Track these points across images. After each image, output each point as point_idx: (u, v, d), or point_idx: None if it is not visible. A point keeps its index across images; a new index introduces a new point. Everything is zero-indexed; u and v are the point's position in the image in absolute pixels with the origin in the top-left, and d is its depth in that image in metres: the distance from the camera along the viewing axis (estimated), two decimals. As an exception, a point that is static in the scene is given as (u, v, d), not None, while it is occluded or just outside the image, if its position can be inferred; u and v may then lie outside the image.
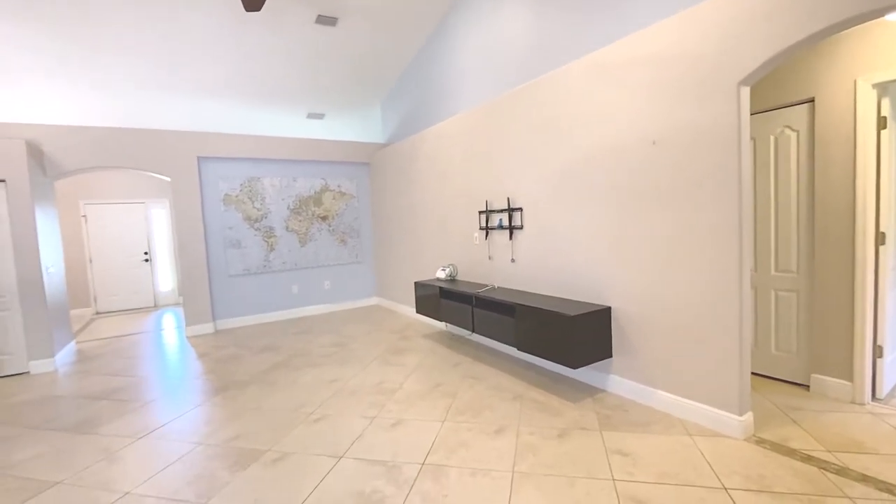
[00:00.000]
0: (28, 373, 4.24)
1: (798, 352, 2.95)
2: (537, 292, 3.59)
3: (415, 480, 2.12)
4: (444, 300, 4.20)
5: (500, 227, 3.90)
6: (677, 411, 2.62)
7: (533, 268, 3.63)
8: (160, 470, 2.34)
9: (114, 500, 2.09)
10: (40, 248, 4.35)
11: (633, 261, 2.81)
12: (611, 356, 2.97)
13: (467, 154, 4.33)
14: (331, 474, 2.21)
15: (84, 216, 7.32)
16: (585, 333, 2.82)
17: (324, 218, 6.38)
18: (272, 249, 6.00)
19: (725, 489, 1.95)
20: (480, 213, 4.18)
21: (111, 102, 5.54)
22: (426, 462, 2.28)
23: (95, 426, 2.93)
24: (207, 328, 5.53)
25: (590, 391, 3.07)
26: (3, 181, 4.17)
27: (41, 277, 4.31)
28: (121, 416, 3.06)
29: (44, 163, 4.68)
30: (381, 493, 2.03)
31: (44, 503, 2.10)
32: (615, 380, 2.99)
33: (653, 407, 2.76)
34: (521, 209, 3.67)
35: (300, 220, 6.19)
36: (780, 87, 2.92)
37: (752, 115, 2.97)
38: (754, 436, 2.38)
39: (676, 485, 1.99)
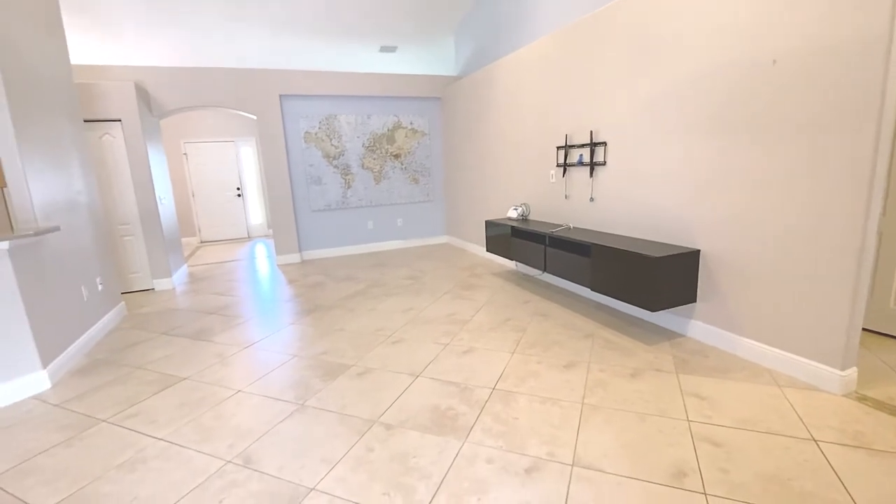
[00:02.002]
0: (153, 289, 4.95)
1: (924, 308, 2.59)
2: (616, 233, 3.43)
3: (486, 402, 2.25)
4: (516, 239, 4.17)
5: (580, 163, 3.69)
6: (766, 361, 2.47)
7: (613, 207, 3.44)
8: (264, 375, 2.69)
9: (229, 395, 2.46)
10: (154, 181, 4.89)
11: (730, 200, 2.55)
12: (694, 301, 2.82)
13: (546, 84, 4.05)
14: (409, 389, 2.41)
15: (185, 154, 8.04)
16: (669, 276, 2.68)
17: (396, 156, 6.46)
18: (349, 187, 6.25)
19: (815, 441, 1.84)
20: (559, 148, 3.97)
21: (202, 42, 5.81)
22: (496, 387, 2.39)
23: (209, 335, 3.39)
24: (294, 258, 6.03)
25: (667, 335, 2.97)
26: (119, 120, 4.65)
27: (156, 208, 4.89)
28: (228, 329, 3.52)
29: (150, 103, 5.12)
30: (455, 411, 2.19)
31: (177, 393, 2.52)
32: (696, 325, 2.85)
33: (737, 355, 2.62)
34: (604, 144, 3.43)
35: (374, 158, 6.32)
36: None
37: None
38: (855, 392, 2.19)
39: (758, 432, 1.92)
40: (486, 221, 4.70)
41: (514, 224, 4.24)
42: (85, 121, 4.37)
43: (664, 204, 2.99)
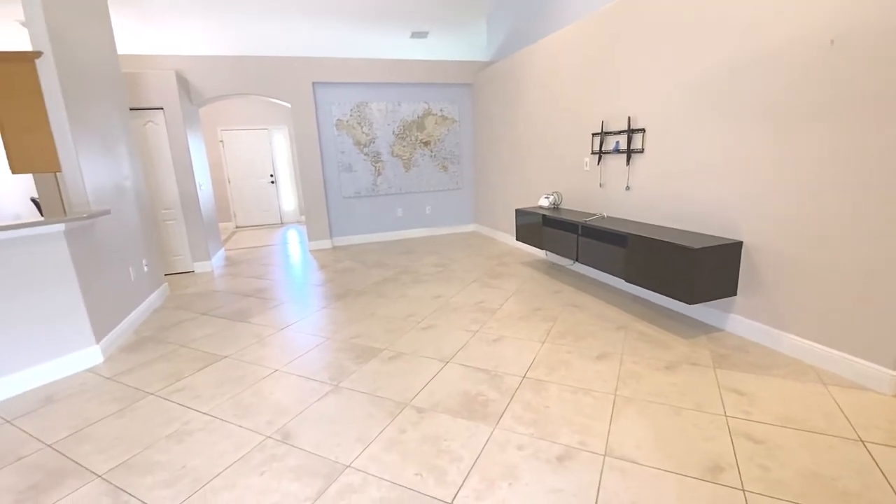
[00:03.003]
0: (193, 271, 5.16)
1: None
2: (652, 223, 3.34)
3: (516, 390, 2.25)
4: (547, 228, 4.11)
5: (616, 150, 3.60)
6: (811, 358, 2.37)
7: (651, 196, 3.34)
8: (299, 355, 2.78)
9: (268, 373, 2.56)
10: (194, 167, 5.06)
11: (778, 190, 2.43)
12: (735, 294, 2.72)
13: (583, 69, 3.94)
14: (439, 375, 2.44)
15: (221, 141, 8.28)
16: (709, 268, 2.60)
17: (426, 143, 6.45)
18: (379, 174, 6.30)
19: (862, 441, 1.77)
20: (594, 135, 3.87)
21: (238, 31, 5.92)
22: (526, 376, 2.39)
23: (247, 316, 3.52)
24: (326, 244, 6.15)
25: (704, 329, 2.89)
26: (161, 109, 4.82)
27: (196, 193, 5.07)
28: (265, 311, 3.64)
29: (190, 91, 5.28)
30: (486, 397, 2.20)
31: (219, 370, 2.64)
32: (736, 319, 2.76)
33: (779, 351, 2.53)
34: (642, 130, 3.32)
35: (404, 146, 6.34)
36: None
37: None
38: (909, 393, 2.08)
39: (800, 430, 1.86)
40: (517, 210, 4.66)
41: (546, 213, 4.19)
42: (130, 109, 4.56)
43: (706, 194, 2.88)
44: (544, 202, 4.49)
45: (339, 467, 1.75)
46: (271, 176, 8.70)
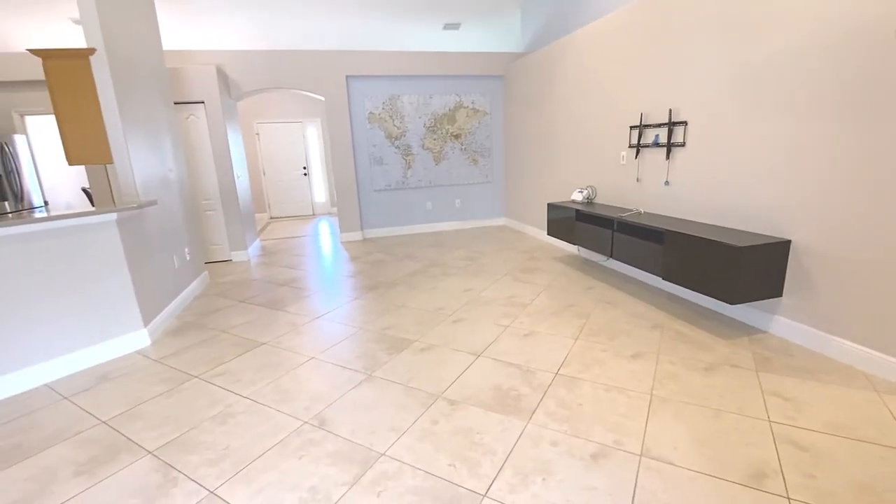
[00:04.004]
0: (231, 260, 5.35)
1: None
2: (692, 219, 3.23)
3: (549, 386, 2.24)
4: (580, 223, 4.04)
5: (656, 144, 3.49)
6: (863, 363, 2.25)
7: (691, 192, 3.23)
8: (334, 344, 2.84)
9: (304, 361, 2.63)
10: (232, 160, 5.22)
11: (836, 188, 2.31)
12: (780, 295, 2.61)
13: (622, 60, 3.83)
14: (470, 368, 2.45)
15: (257, 134, 8.50)
16: (753, 268, 2.50)
17: (456, 136, 6.43)
18: (409, 167, 6.33)
19: (920, 454, 1.67)
20: (632, 128, 3.76)
21: (274, 25, 6.03)
22: (559, 372, 2.37)
23: (283, 305, 3.63)
24: (357, 236, 6.25)
25: (745, 330, 2.79)
26: (202, 102, 4.99)
27: (234, 184, 5.24)
28: (299, 300, 3.74)
29: (229, 85, 5.44)
30: (518, 392, 2.20)
31: (257, 356, 2.74)
32: (780, 321, 2.65)
33: (827, 355, 2.41)
34: (684, 123, 3.21)
35: (435, 139, 6.34)
36: None
37: None
38: (973, 405, 1.95)
39: (849, 438, 1.77)
40: (549, 204, 4.59)
41: (579, 207, 4.11)
42: (174, 103, 4.73)
43: (752, 190, 2.76)
44: (577, 196, 4.41)
45: (374, 455, 1.79)
46: (304, 168, 8.88)
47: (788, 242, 2.53)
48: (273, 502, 1.57)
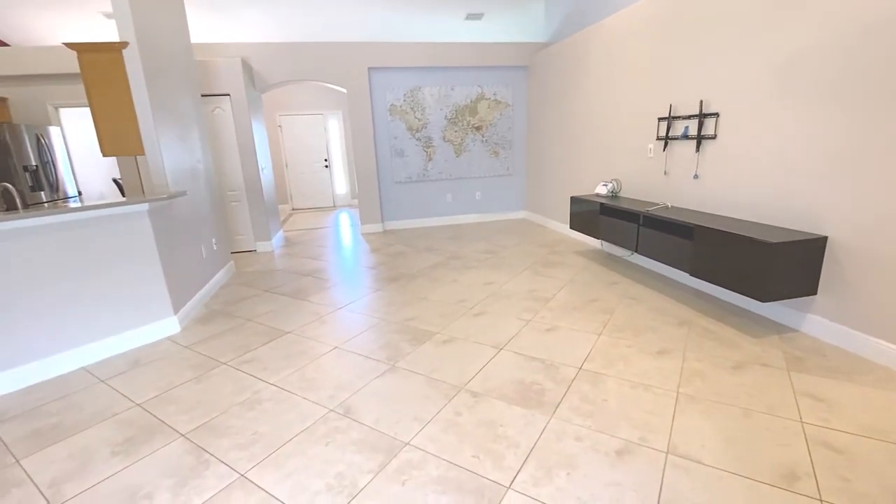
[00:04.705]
0: (255, 251, 5.46)
1: None
2: (722, 214, 3.15)
3: (572, 381, 2.23)
4: (605, 217, 3.98)
5: (685, 136, 3.40)
6: (902, 366, 2.17)
7: (721, 185, 3.14)
8: (357, 334, 2.88)
9: (327, 350, 2.68)
10: (257, 151, 5.30)
11: (876, 181, 2.21)
12: (814, 293, 2.52)
13: (650, 50, 3.73)
14: (493, 361, 2.45)
15: (280, 126, 8.59)
16: (787, 264, 2.42)
17: (478, 128, 6.39)
18: (430, 159, 6.32)
19: (964, 461, 1.61)
20: (660, 120, 3.67)
21: (298, 17, 6.07)
22: (583, 367, 2.35)
23: (306, 295, 3.69)
24: (377, 227, 6.29)
25: (776, 328, 2.71)
26: (227, 95, 5.07)
27: (259, 176, 5.32)
28: (322, 290, 3.79)
29: (253, 78, 5.51)
30: (541, 386, 2.19)
31: (282, 344, 2.79)
32: (814, 319, 2.57)
33: (863, 356, 2.33)
34: (716, 115, 3.11)
35: (456, 131, 6.31)
36: None
37: None
38: None
39: (888, 442, 1.71)
40: (572, 197, 4.53)
41: (604, 201, 4.05)
42: (201, 95, 4.82)
43: (787, 184, 2.66)
44: (602, 190, 4.34)
45: (398, 444, 1.81)
46: (325, 160, 8.96)
47: (825, 239, 2.44)
48: (301, 487, 1.61)
